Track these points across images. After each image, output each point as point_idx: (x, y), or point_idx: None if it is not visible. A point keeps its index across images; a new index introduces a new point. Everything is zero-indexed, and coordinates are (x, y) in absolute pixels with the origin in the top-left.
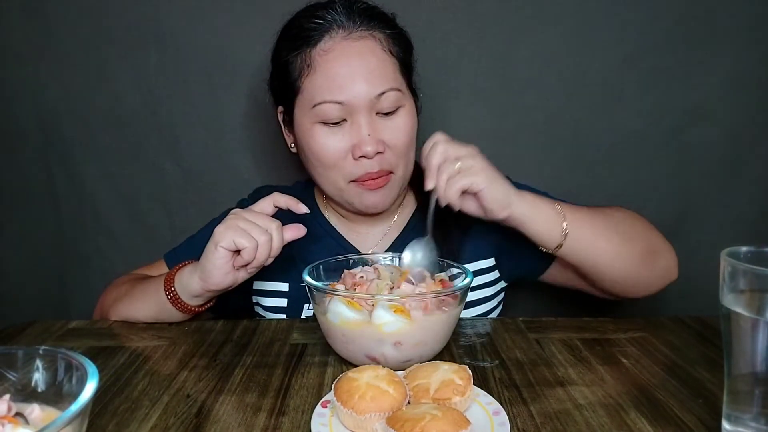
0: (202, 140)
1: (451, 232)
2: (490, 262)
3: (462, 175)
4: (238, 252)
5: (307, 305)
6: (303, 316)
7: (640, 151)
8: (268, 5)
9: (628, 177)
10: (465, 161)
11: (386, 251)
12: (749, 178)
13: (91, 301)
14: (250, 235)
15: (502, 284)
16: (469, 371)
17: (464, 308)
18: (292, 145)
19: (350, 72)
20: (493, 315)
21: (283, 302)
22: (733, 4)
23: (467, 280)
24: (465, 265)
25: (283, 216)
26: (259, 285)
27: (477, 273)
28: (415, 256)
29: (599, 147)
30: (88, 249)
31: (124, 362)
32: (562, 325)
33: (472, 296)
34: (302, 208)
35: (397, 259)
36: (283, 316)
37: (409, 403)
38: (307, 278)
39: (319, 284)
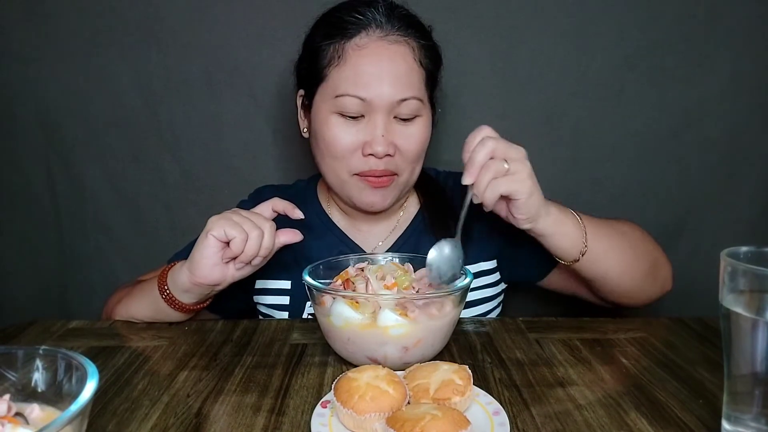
0: (202, 140)
1: (453, 232)
2: (491, 264)
3: (507, 179)
4: (229, 245)
5: (309, 303)
6: (305, 314)
7: (640, 151)
8: (268, 5)
9: (628, 177)
10: (514, 164)
11: (389, 250)
12: (749, 178)
13: (91, 301)
14: (241, 227)
15: (503, 285)
16: (469, 371)
17: (465, 308)
18: (305, 130)
19: (378, 72)
20: (493, 315)
21: (285, 300)
22: (733, 4)
23: (467, 280)
24: (467, 266)
25: (283, 222)
26: (261, 284)
27: (478, 274)
28: (442, 254)
29: (599, 147)
30: (88, 249)
31: (124, 362)
32: (562, 326)
33: (472, 296)
34: (297, 214)
35: (397, 259)
36: (286, 314)
37: (408, 403)
38: (307, 278)
39: (318, 284)
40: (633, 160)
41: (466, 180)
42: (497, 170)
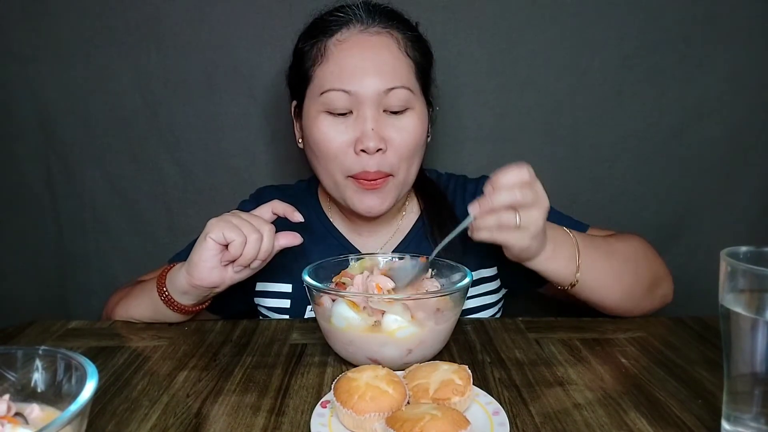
0: (202, 140)
1: (454, 239)
2: (492, 270)
3: (508, 233)
4: (227, 248)
5: (310, 306)
6: (306, 317)
7: (640, 151)
8: (268, 5)
9: (628, 177)
10: (525, 218)
11: None
12: (749, 177)
13: (91, 301)
14: (240, 230)
15: (504, 291)
16: (469, 371)
17: (466, 315)
18: (300, 139)
19: (362, 64)
20: None
21: (286, 303)
22: (733, 5)
23: (467, 279)
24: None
25: (283, 224)
26: (261, 286)
27: (479, 281)
28: (404, 267)
29: (599, 147)
30: (87, 249)
31: (123, 362)
32: (561, 325)
33: (474, 303)
34: (297, 217)
35: (397, 258)
36: (287, 317)
37: (408, 403)
38: (307, 278)
39: (318, 284)
40: (633, 160)
41: (471, 210)
42: (506, 222)
